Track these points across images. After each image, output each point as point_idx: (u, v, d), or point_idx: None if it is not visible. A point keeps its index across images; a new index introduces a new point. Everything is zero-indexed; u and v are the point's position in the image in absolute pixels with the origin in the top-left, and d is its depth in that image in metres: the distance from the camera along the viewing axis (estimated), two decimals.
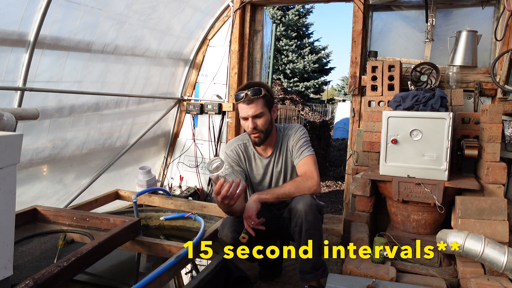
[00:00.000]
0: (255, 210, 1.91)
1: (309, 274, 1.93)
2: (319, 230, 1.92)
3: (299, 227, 1.90)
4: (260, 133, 2.01)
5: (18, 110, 1.99)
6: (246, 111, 1.97)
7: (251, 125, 1.98)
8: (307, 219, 1.87)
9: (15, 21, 2.04)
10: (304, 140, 2.10)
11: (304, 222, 1.87)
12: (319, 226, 1.93)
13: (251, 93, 1.95)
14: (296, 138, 2.11)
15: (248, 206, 1.94)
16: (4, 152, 1.03)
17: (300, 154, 2.07)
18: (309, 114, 9.50)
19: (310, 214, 1.87)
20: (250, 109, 1.96)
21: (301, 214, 1.87)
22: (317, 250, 1.92)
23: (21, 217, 1.99)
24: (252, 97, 1.95)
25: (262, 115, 1.99)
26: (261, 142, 2.06)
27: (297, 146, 2.09)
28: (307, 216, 1.87)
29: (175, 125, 3.84)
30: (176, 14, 3.15)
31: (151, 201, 2.88)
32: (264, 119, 2.00)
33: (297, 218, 1.90)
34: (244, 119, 2.02)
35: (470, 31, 2.69)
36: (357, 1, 3.03)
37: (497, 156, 2.09)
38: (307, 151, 2.07)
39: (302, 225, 1.88)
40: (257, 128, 2.00)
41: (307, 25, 16.33)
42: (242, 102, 1.97)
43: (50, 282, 1.35)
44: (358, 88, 3.06)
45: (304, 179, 1.99)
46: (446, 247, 1.94)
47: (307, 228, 1.88)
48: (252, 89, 1.96)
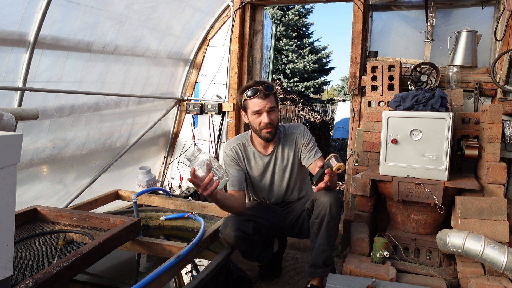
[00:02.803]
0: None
1: (320, 269, 1.95)
2: (337, 226, 1.97)
3: (320, 218, 1.92)
4: (272, 128, 2.06)
5: (18, 110, 1.99)
6: (262, 104, 2.01)
7: (266, 119, 2.02)
8: (331, 211, 1.90)
9: (15, 21, 2.04)
10: (314, 141, 2.19)
11: (327, 214, 1.90)
12: (338, 221, 1.98)
13: (265, 88, 2.00)
14: (306, 137, 2.17)
15: None
16: (4, 152, 1.03)
17: (314, 154, 2.13)
18: (309, 114, 9.50)
19: (335, 207, 1.91)
20: (266, 103, 2.01)
21: (326, 206, 1.90)
22: (332, 246, 1.97)
23: (21, 217, 1.99)
24: (267, 92, 2.01)
25: (275, 110, 2.06)
26: (272, 138, 2.11)
27: (309, 146, 2.15)
28: (331, 208, 1.90)
29: (175, 125, 3.84)
30: (176, 14, 3.15)
31: (151, 201, 2.88)
32: (276, 114, 2.08)
33: (320, 209, 1.92)
34: (257, 114, 2.04)
35: (470, 31, 2.69)
36: (357, 1, 3.03)
37: (497, 156, 2.10)
38: (318, 152, 2.15)
39: (325, 216, 1.91)
40: (271, 123, 2.04)
41: (307, 25, 16.35)
42: (257, 97, 2.00)
43: (50, 282, 1.34)
44: (358, 88, 3.06)
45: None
46: (446, 247, 1.94)
47: (329, 220, 1.91)
48: (265, 85, 2.02)
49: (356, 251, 2.20)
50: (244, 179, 2.16)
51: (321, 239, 1.94)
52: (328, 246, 1.94)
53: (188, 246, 1.89)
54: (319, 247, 1.94)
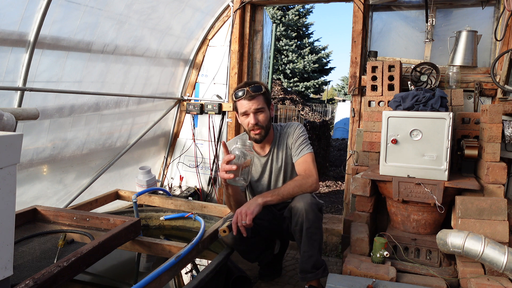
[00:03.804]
0: (256, 212, 1.86)
1: (310, 274, 1.92)
2: (319, 228, 1.92)
3: (299, 226, 1.90)
4: (261, 129, 2.04)
5: (18, 110, 1.99)
6: (248, 106, 2.01)
7: (252, 120, 2.01)
8: (308, 217, 1.87)
9: (15, 21, 2.04)
10: (303, 138, 2.12)
11: (305, 221, 1.88)
12: (320, 225, 1.93)
13: (252, 89, 2.00)
14: (295, 136, 2.13)
15: (250, 204, 1.89)
16: (4, 152, 1.03)
17: (299, 152, 2.09)
18: (309, 114, 9.50)
19: (311, 212, 1.87)
20: (252, 104, 2.01)
21: (302, 213, 1.88)
22: (317, 249, 1.92)
23: (21, 217, 1.99)
24: (253, 93, 2.00)
25: (263, 111, 2.03)
26: (262, 139, 2.09)
27: (296, 144, 2.11)
28: (308, 214, 1.87)
29: (175, 125, 3.84)
30: (176, 14, 3.15)
31: (151, 201, 2.88)
32: (265, 115, 2.05)
33: (297, 217, 1.90)
34: (244, 115, 2.05)
35: (470, 31, 2.69)
36: (357, 1, 3.03)
37: (497, 156, 2.10)
38: (306, 149, 2.09)
39: (303, 223, 1.88)
40: (258, 124, 2.03)
41: (307, 25, 16.33)
42: (243, 98, 2.01)
43: (50, 282, 1.34)
44: (358, 88, 3.06)
45: (305, 178, 2.00)
46: (446, 247, 1.94)
47: (308, 226, 1.88)
48: (252, 86, 2.02)
49: (356, 251, 2.20)
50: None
51: (304, 246, 1.91)
52: (313, 251, 1.91)
53: (188, 246, 1.89)
54: (305, 254, 1.92)
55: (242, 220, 1.84)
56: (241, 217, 1.85)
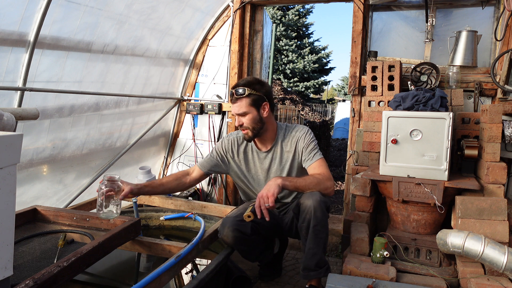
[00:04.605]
0: (276, 193, 1.82)
1: (313, 272, 1.93)
2: (325, 227, 1.94)
3: (307, 222, 1.91)
4: (247, 130, 2.09)
5: (18, 110, 1.99)
6: (233, 108, 2.09)
7: (236, 122, 2.10)
8: (316, 215, 1.88)
9: (15, 21, 2.04)
10: (314, 144, 2.14)
11: (312, 218, 1.88)
12: (326, 223, 1.94)
13: (236, 93, 2.05)
14: (306, 141, 2.14)
15: (270, 186, 1.85)
16: (4, 152, 1.03)
17: (312, 156, 2.09)
18: (309, 114, 9.50)
19: (319, 210, 1.88)
20: (235, 107, 2.07)
21: (310, 210, 1.88)
22: (322, 248, 1.94)
23: (21, 217, 1.99)
24: (237, 96, 2.05)
25: (246, 114, 2.06)
26: (250, 139, 2.14)
27: (308, 149, 2.12)
28: (316, 212, 1.88)
29: (175, 125, 3.84)
30: (176, 14, 3.15)
31: (151, 201, 2.88)
32: (249, 117, 2.06)
33: (305, 214, 1.91)
34: (234, 115, 2.14)
35: (470, 31, 2.69)
36: (357, 1, 3.03)
37: (497, 156, 2.10)
38: (318, 154, 2.10)
39: (311, 220, 1.89)
40: (243, 126, 2.08)
41: (307, 25, 16.35)
42: (231, 100, 2.10)
43: (50, 282, 1.34)
44: (358, 88, 3.06)
45: (325, 179, 2.00)
46: (446, 247, 1.94)
47: (315, 224, 1.89)
48: (236, 88, 2.06)
49: (356, 251, 2.20)
50: (215, 169, 2.26)
51: (310, 243, 1.91)
52: (318, 249, 1.92)
53: (188, 246, 1.89)
54: (309, 251, 1.92)
55: (265, 203, 1.80)
56: (263, 200, 1.81)
